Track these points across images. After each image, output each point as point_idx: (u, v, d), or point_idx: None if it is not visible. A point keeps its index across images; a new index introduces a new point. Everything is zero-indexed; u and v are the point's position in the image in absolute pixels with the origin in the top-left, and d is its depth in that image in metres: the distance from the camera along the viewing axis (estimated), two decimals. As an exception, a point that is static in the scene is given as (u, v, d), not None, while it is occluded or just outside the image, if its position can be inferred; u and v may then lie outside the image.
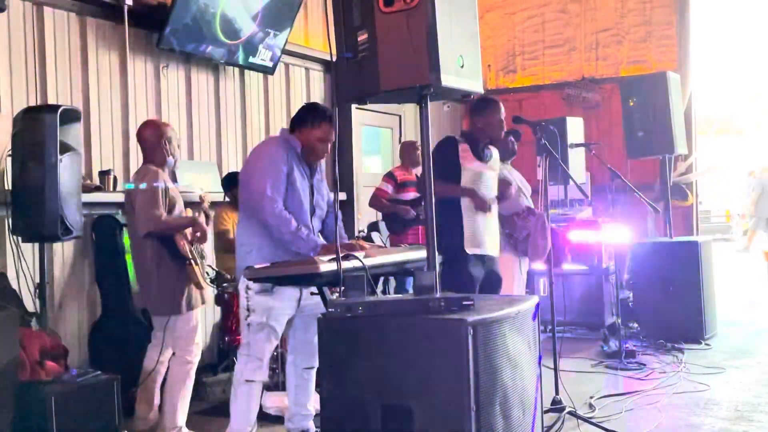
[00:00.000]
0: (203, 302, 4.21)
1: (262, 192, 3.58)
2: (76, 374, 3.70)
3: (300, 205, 3.69)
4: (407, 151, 6.60)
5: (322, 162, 3.98)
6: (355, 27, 2.85)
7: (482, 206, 4.48)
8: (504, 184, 4.85)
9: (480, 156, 4.59)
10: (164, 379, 4.16)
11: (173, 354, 4.13)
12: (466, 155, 4.54)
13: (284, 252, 3.57)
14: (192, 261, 4.03)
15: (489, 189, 4.61)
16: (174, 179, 5.29)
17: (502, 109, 4.62)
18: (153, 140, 4.12)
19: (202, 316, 5.59)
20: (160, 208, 3.93)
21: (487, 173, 4.62)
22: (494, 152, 4.73)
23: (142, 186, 3.97)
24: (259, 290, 3.54)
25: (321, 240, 3.68)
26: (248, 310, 3.58)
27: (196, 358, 4.12)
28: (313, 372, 3.86)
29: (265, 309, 3.57)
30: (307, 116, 3.79)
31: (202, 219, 4.22)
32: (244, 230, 3.71)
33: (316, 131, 3.75)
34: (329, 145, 3.79)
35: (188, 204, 4.72)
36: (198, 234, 4.14)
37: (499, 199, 4.73)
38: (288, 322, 3.80)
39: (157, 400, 4.22)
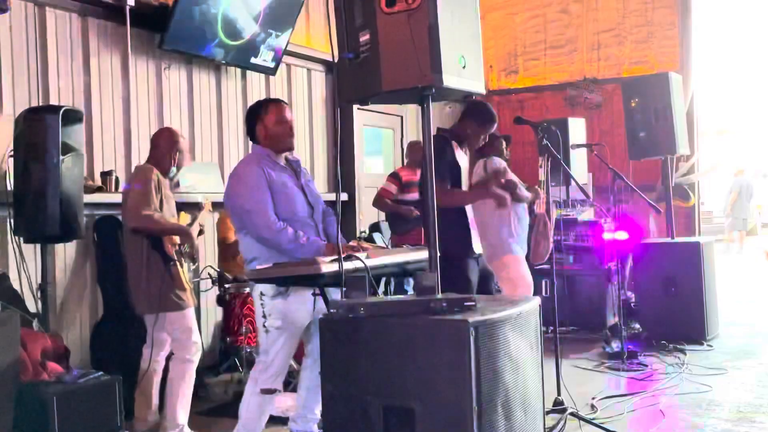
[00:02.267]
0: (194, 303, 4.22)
1: (249, 210, 3.56)
2: (78, 375, 3.70)
3: (294, 208, 3.66)
4: (413, 151, 6.61)
5: (304, 163, 3.97)
6: (356, 27, 2.85)
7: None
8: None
9: (462, 154, 4.69)
10: (165, 379, 4.16)
11: (173, 354, 4.13)
12: (457, 153, 4.62)
13: (288, 258, 3.55)
14: (176, 263, 4.00)
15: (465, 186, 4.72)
16: (177, 184, 5.31)
17: (496, 121, 4.69)
18: (165, 147, 4.14)
19: (204, 317, 5.60)
20: (152, 206, 3.93)
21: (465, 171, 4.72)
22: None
23: (137, 184, 3.98)
24: (274, 294, 3.50)
25: (322, 241, 3.66)
26: (264, 315, 3.55)
27: (195, 357, 4.11)
28: None
29: (281, 312, 3.53)
30: (252, 116, 3.78)
31: (194, 231, 4.18)
32: (245, 245, 3.69)
33: (269, 117, 3.72)
34: (291, 125, 3.75)
35: (188, 205, 4.73)
36: (186, 246, 4.12)
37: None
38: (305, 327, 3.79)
39: (155, 400, 4.22)
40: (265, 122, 3.72)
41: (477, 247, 4.64)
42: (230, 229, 5.22)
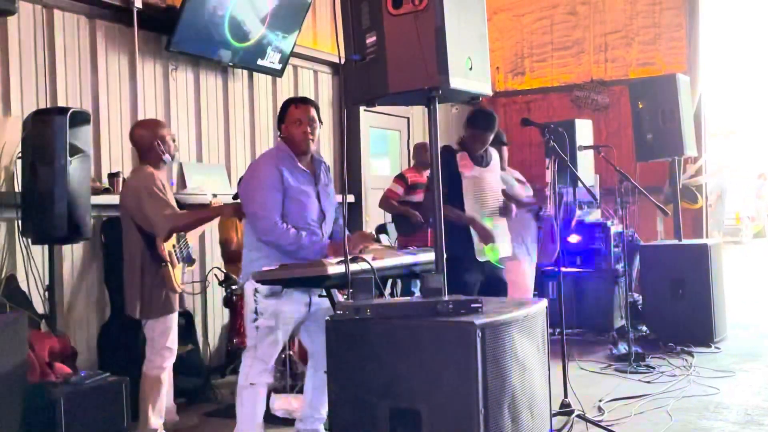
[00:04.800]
0: (183, 307, 4.17)
1: (254, 213, 3.60)
2: (85, 376, 3.72)
3: (305, 217, 3.67)
4: (419, 152, 6.61)
5: (329, 167, 3.97)
6: (363, 29, 2.85)
7: (486, 238, 4.52)
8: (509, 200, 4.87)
9: (479, 162, 4.66)
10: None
11: (147, 357, 4.03)
12: (465, 163, 4.61)
13: (292, 259, 3.56)
14: (167, 264, 3.92)
15: (492, 191, 4.69)
16: (183, 183, 5.32)
17: (494, 129, 4.66)
18: (145, 141, 4.05)
19: (211, 319, 5.61)
20: (170, 205, 3.92)
21: (487, 176, 4.70)
22: (494, 155, 4.81)
23: (145, 189, 3.92)
24: (268, 293, 3.52)
25: (326, 241, 3.67)
26: (256, 313, 3.57)
27: (168, 362, 4.01)
28: None
29: (274, 312, 3.56)
30: (279, 113, 3.80)
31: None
32: (251, 237, 3.70)
33: (289, 119, 3.72)
34: (309, 127, 3.69)
35: (194, 206, 4.73)
36: (182, 247, 4.10)
37: (503, 213, 4.75)
38: (303, 328, 3.79)
39: (166, 401, 4.20)
40: (285, 121, 3.74)
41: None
42: (232, 230, 5.21)
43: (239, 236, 5.16)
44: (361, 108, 6.63)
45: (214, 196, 4.58)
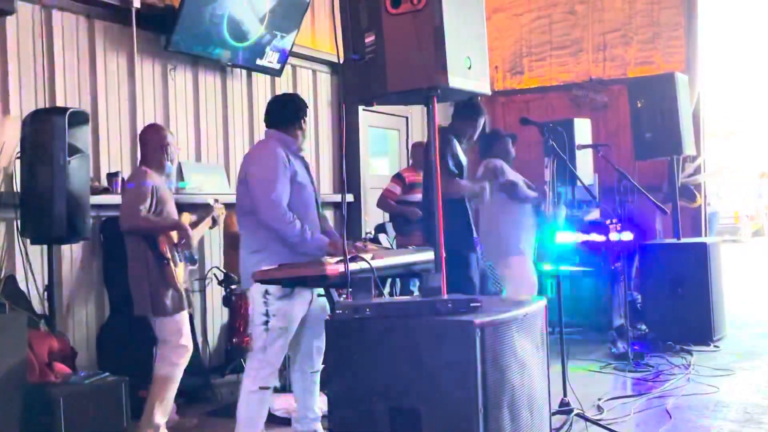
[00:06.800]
0: (190, 305, 4.17)
1: (266, 197, 3.56)
2: (85, 376, 3.73)
3: (308, 201, 3.71)
4: (417, 152, 6.61)
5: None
6: (362, 28, 2.85)
7: (478, 198, 4.80)
8: None
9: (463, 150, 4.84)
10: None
11: (160, 355, 4.04)
12: (458, 150, 4.71)
13: (296, 255, 3.55)
14: (170, 262, 3.93)
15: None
16: (182, 179, 5.32)
17: (482, 121, 4.85)
18: (154, 144, 4.07)
19: (210, 318, 5.61)
20: (144, 206, 3.87)
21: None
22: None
23: (130, 185, 3.95)
24: (281, 295, 3.50)
25: (326, 239, 3.67)
26: (267, 315, 3.54)
27: (182, 361, 4.02)
28: (318, 375, 3.86)
29: (286, 314, 3.55)
30: (297, 108, 3.84)
31: (198, 231, 4.20)
32: (252, 236, 3.67)
33: (305, 119, 3.83)
34: None
35: (195, 206, 4.74)
36: (183, 241, 4.05)
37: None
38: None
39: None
40: (306, 120, 3.82)
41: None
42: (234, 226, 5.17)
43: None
44: (360, 107, 6.65)
45: (216, 201, 4.53)
